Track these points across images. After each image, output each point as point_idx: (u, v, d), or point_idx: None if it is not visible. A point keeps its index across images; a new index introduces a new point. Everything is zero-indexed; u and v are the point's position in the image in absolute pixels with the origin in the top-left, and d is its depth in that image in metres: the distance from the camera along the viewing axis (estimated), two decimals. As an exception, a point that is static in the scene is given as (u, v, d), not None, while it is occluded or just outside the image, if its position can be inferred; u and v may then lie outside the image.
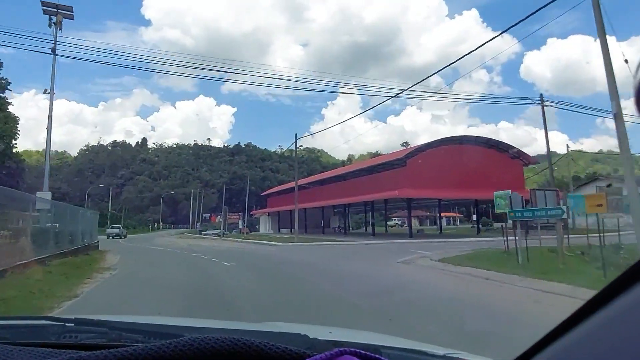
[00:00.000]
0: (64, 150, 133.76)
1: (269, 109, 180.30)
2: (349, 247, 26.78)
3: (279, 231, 60.37)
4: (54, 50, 23.13)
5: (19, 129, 38.81)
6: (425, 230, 55.39)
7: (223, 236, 51.40)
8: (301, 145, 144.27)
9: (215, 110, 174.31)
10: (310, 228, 55.65)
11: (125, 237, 53.98)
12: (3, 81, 38.45)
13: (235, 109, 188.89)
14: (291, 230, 57.77)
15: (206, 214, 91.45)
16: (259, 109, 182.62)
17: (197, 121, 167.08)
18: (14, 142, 37.20)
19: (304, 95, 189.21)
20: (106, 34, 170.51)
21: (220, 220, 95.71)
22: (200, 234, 59.56)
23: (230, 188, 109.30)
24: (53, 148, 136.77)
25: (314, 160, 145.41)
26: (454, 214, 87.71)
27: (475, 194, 35.96)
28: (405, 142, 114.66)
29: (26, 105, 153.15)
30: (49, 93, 23.14)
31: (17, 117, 38.82)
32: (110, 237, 49.59)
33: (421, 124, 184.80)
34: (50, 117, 23.15)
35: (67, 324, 1.38)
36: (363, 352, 0.89)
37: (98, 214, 31.35)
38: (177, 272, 13.36)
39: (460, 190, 34.61)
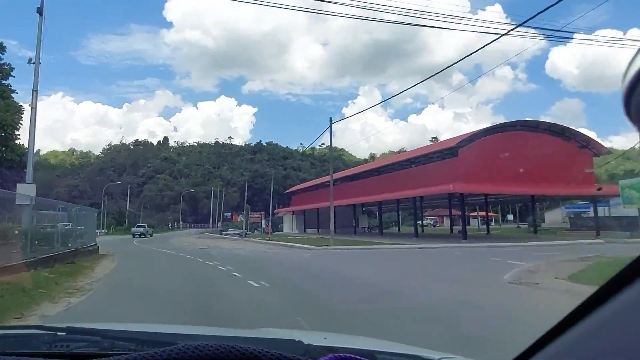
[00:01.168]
0: (89, 151, 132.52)
1: (290, 108, 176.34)
2: (402, 253, 21.42)
3: (304, 231, 55.30)
4: (40, 11, 18.74)
5: (22, 118, 34.81)
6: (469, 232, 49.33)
7: (245, 236, 46.62)
8: (322, 144, 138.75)
9: (236, 111, 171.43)
10: (338, 228, 50.47)
11: (151, 235, 51.57)
12: (6, 67, 34.42)
13: (255, 109, 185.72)
14: (318, 230, 52.66)
15: (227, 213, 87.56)
16: (279, 109, 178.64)
17: (219, 121, 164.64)
18: (17, 133, 33.08)
19: (325, 95, 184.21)
20: (129, 37, 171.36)
21: (242, 219, 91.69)
22: (221, 234, 54.90)
23: (251, 186, 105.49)
24: (78, 148, 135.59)
25: (336, 158, 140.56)
26: (491, 214, 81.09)
27: (536, 189, 30.23)
28: (435, 138, 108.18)
29: (53, 108, 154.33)
30: (33, 63, 18.54)
31: (22, 106, 34.75)
32: (136, 236, 48.63)
33: (443, 122, 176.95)
34: (35, 91, 18.58)
35: (58, 333, 1.33)
36: (358, 357, 0.90)
37: (97, 212, 26.74)
38: (179, 299, 8.31)
39: (518, 184, 28.90)
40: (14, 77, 35.26)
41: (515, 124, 30.96)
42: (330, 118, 27.63)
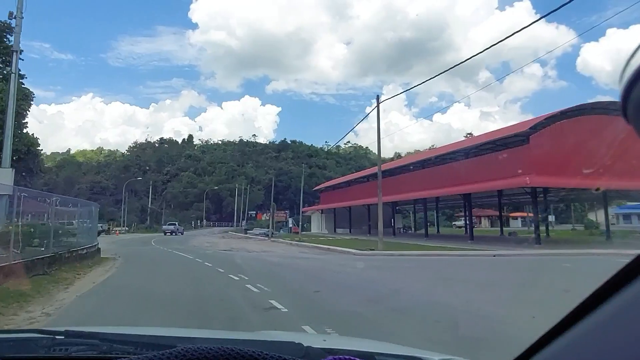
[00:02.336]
0: (117, 149, 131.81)
1: (313, 108, 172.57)
2: (482, 263, 16.40)
3: (334, 231, 50.58)
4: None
5: (31, 104, 31.41)
6: (518, 233, 43.64)
7: (272, 236, 42.28)
8: (347, 142, 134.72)
9: (260, 110, 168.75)
10: (371, 228, 45.66)
11: (182, 234, 49.64)
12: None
13: (279, 109, 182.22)
14: (350, 231, 47.97)
15: (251, 212, 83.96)
16: (303, 108, 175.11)
17: (243, 121, 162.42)
18: (24, 121, 29.57)
19: (348, 94, 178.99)
20: (157, 38, 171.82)
21: (267, 218, 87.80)
22: (246, 234, 50.71)
23: (276, 185, 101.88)
24: (106, 147, 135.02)
25: (362, 156, 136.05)
26: (524, 214, 74.71)
27: (612, 183, 24.77)
28: (469, 134, 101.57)
29: (84, 108, 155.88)
30: (14, 18, 14.46)
31: (32, 92, 31.39)
32: (167, 234, 47.52)
33: (469, 121, 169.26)
34: (15, 52, 14.59)
35: (56, 337, 1.30)
36: (357, 359, 0.89)
37: (97, 206, 22.69)
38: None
39: (602, 178, 23.50)
40: (23, 60, 31.90)
41: (596, 105, 25.46)
42: (378, 96, 22.84)
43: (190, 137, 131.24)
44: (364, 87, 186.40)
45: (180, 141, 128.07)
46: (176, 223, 54.17)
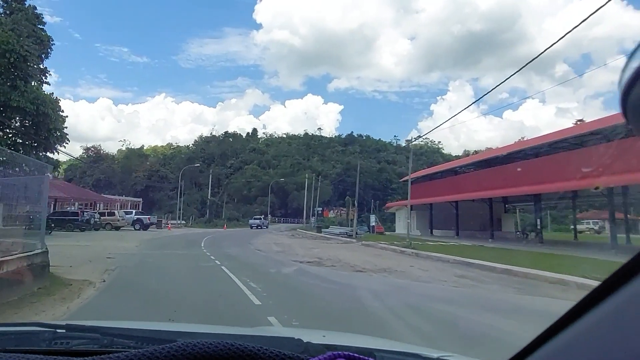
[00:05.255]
0: (186, 145, 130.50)
1: (376, 105, 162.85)
2: None
3: (431, 233, 38.93)
4: None
5: (50, 52, 23.32)
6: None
7: (355, 237, 31.72)
8: (418, 136, 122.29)
9: (322, 109, 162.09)
10: (468, 229, 33.83)
11: (267, 227, 49.31)
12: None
13: (342, 107, 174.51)
14: (458, 233, 36.18)
15: (318, 208, 74.72)
16: (365, 106, 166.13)
17: (305, 119, 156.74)
18: (31, 65, 21.25)
19: (412, 91, 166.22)
20: (223, 40, 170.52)
21: (334, 215, 77.19)
22: (321, 232, 40.34)
23: (344, 180, 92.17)
24: (174, 143, 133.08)
25: (435, 151, 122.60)
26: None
27: None
28: (580, 120, 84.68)
29: (157, 108, 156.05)
30: None
31: (50, 37, 23.48)
32: (253, 228, 46.84)
33: (543, 119, 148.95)
34: None
35: (58, 330, 1.28)
36: (357, 355, 0.87)
37: (49, 177, 12.81)
38: None
39: None
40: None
41: None
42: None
43: (255, 130, 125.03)
44: (429, 83, 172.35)
45: (244, 135, 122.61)
46: (262, 217, 53.62)
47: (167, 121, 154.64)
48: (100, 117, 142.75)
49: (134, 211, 38.60)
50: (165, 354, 0.79)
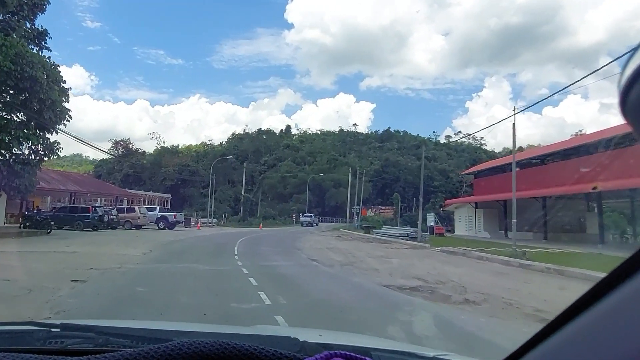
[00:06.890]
0: (220, 143, 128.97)
1: (409, 104, 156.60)
2: None
3: (505, 235, 32.07)
4: None
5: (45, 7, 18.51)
6: None
7: (421, 239, 25.53)
8: (459, 131, 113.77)
9: (354, 107, 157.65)
10: (554, 231, 27.06)
11: (316, 225, 50.98)
12: None
13: (374, 105, 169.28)
14: (546, 237, 29.30)
15: (356, 206, 68.94)
16: (398, 105, 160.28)
17: (337, 118, 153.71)
18: (19, 19, 16.32)
19: (446, 88, 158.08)
20: (256, 40, 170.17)
21: (373, 213, 70.21)
22: (369, 233, 34.20)
23: (382, 177, 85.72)
24: (207, 142, 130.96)
25: (477, 148, 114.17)
26: None
27: None
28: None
29: (192, 108, 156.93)
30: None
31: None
32: (305, 225, 48.42)
33: (585, 115, 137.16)
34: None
35: (52, 329, 1.25)
36: (353, 354, 0.86)
37: None
38: None
39: None
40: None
41: None
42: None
43: (288, 127, 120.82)
44: (463, 80, 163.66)
45: (278, 132, 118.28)
46: (312, 215, 55.05)
47: (201, 121, 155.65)
48: (138, 118, 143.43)
49: (157, 207, 33.68)
50: (161, 353, 0.77)
